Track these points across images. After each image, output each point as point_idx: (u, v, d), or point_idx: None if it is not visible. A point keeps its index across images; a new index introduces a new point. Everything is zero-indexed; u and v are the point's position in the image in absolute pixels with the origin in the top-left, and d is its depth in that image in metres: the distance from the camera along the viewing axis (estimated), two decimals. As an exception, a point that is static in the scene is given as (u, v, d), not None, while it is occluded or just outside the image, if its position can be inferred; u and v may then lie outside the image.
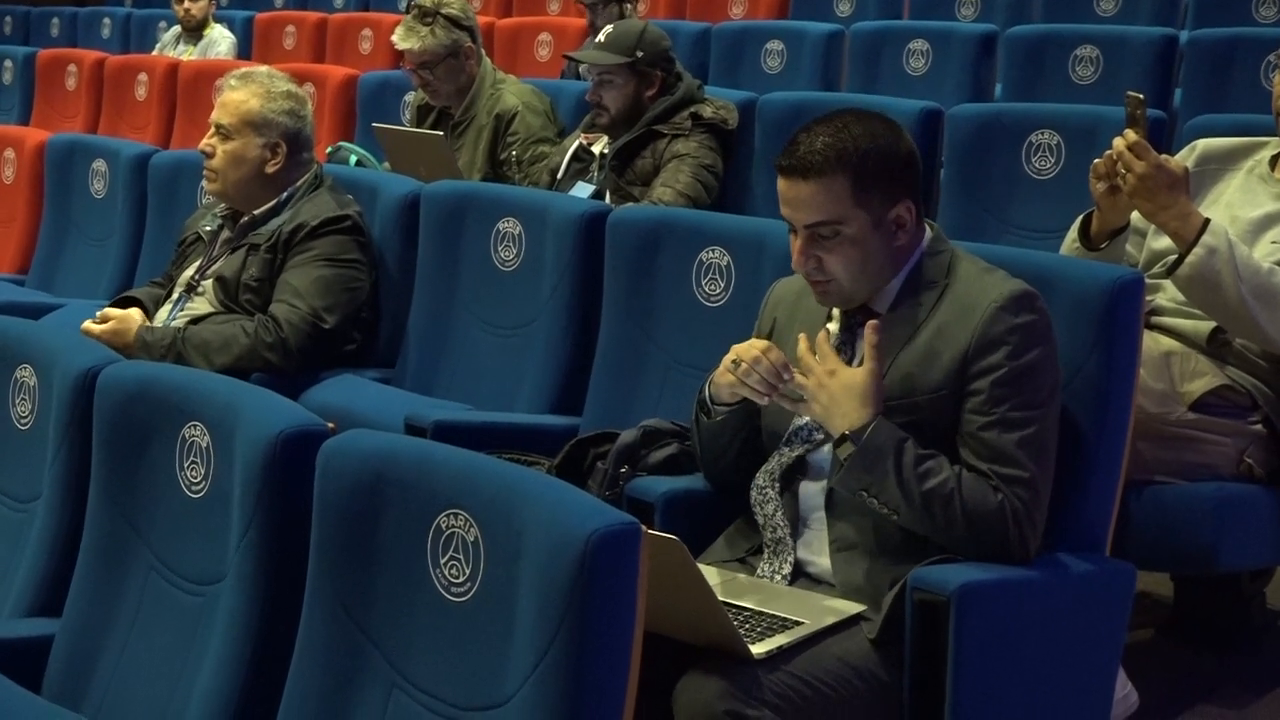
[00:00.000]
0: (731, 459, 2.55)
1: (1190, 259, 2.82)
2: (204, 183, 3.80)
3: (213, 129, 3.72)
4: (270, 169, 3.69)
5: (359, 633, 1.91)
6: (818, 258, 2.38)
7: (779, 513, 2.43)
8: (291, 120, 3.71)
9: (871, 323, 2.35)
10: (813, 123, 2.40)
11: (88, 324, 3.55)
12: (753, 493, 2.47)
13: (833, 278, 2.39)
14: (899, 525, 2.33)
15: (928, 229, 2.46)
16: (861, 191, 2.35)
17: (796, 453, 2.45)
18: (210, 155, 3.70)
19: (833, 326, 2.48)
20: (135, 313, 3.62)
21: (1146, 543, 2.79)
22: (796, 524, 2.43)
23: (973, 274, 2.40)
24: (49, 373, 2.42)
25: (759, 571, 2.45)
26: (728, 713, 2.09)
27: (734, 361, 2.38)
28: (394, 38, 4.89)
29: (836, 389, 2.31)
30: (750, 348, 2.38)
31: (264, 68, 3.87)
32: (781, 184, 2.39)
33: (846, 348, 2.43)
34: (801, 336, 2.38)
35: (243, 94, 3.70)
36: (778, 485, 2.44)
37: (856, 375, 2.32)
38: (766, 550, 2.45)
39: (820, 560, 2.40)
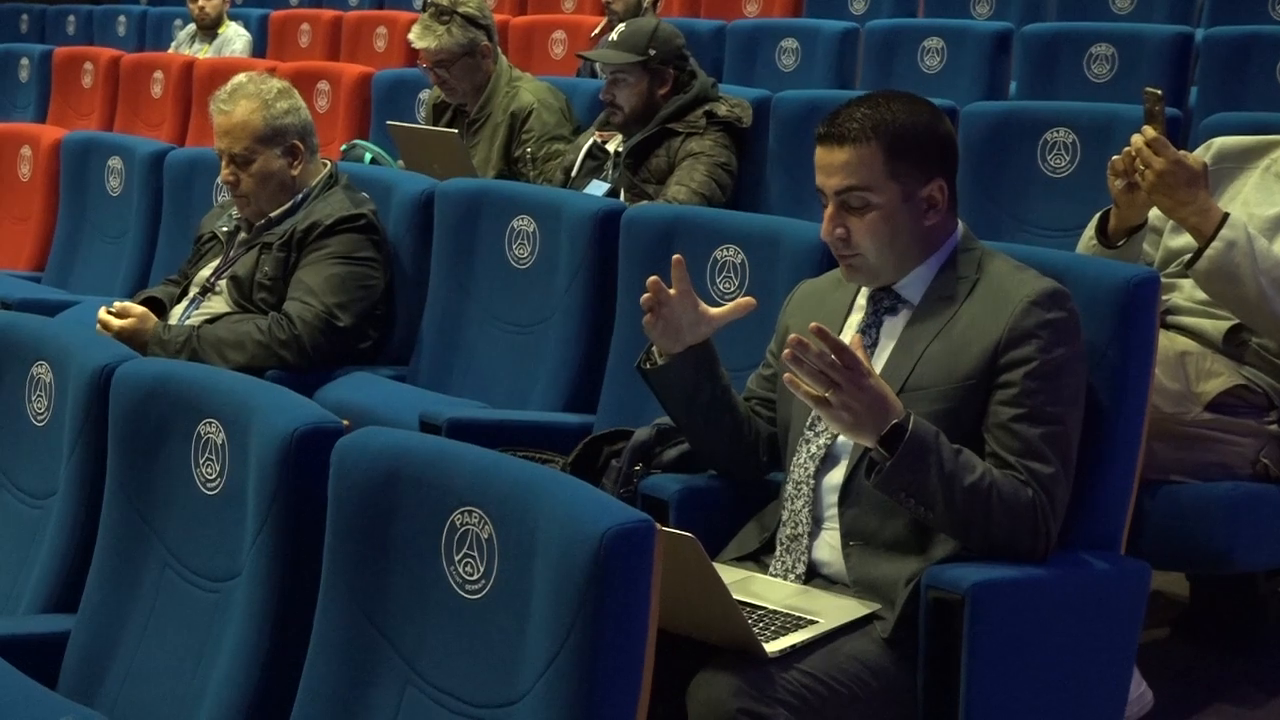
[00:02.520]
0: (725, 444, 2.54)
1: (1209, 252, 2.82)
2: (234, 211, 3.75)
3: (226, 159, 3.65)
4: (295, 171, 3.68)
5: (373, 629, 1.91)
6: (846, 227, 2.39)
7: (805, 509, 2.42)
8: (296, 118, 3.69)
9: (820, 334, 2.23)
10: (854, 99, 2.44)
11: (103, 314, 3.56)
12: (788, 487, 2.46)
13: (859, 251, 2.39)
14: (911, 520, 2.32)
15: (960, 224, 2.46)
16: (895, 162, 2.37)
17: (824, 439, 2.43)
18: (236, 184, 3.65)
19: (855, 319, 2.48)
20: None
21: (1162, 542, 2.78)
22: (815, 522, 2.43)
23: (1005, 270, 2.41)
24: (65, 370, 2.43)
25: (771, 569, 2.45)
26: (742, 710, 2.09)
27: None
28: (410, 36, 4.90)
29: (874, 393, 2.22)
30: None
31: (242, 76, 3.75)
32: (818, 152, 2.42)
33: (872, 330, 2.44)
34: (809, 341, 2.23)
35: (241, 112, 3.63)
36: (812, 482, 2.42)
37: (879, 382, 2.25)
38: (779, 547, 2.45)
39: (833, 558, 2.40)
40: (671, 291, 2.46)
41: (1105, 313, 2.45)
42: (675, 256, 2.48)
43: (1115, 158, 2.89)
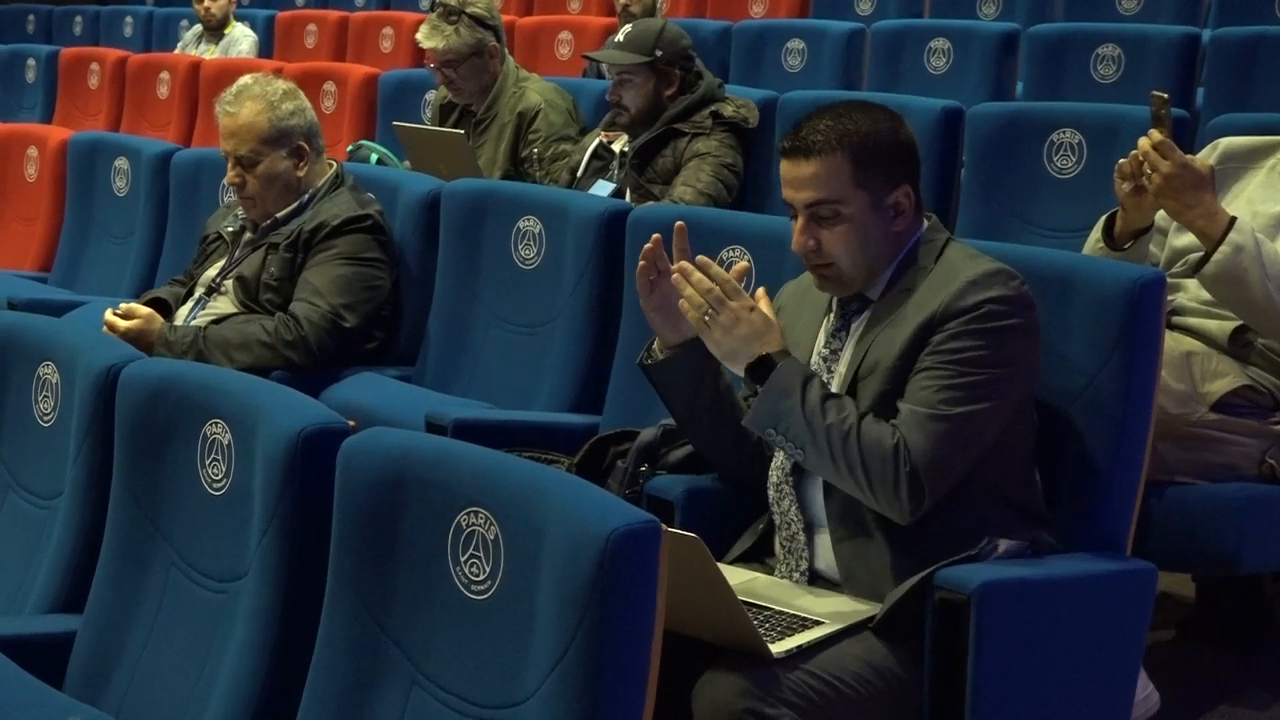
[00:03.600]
0: (729, 444, 2.54)
1: (1217, 257, 2.81)
2: (240, 212, 3.75)
3: (231, 161, 3.65)
4: (301, 172, 3.69)
5: (379, 630, 1.91)
6: (817, 239, 2.40)
7: (794, 509, 2.43)
8: (302, 119, 3.69)
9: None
10: (816, 111, 2.45)
11: (110, 315, 3.56)
12: (770, 491, 2.47)
13: (831, 260, 2.41)
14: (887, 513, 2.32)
15: (925, 220, 2.47)
16: (861, 172, 2.38)
17: None
18: (241, 185, 3.65)
19: (831, 318, 2.49)
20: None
21: (1168, 543, 2.78)
22: (810, 522, 2.43)
23: (959, 257, 2.41)
24: (71, 370, 2.43)
25: (777, 571, 2.45)
26: (747, 711, 2.09)
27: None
28: (418, 36, 4.90)
29: (751, 326, 2.33)
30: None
31: (247, 77, 3.75)
32: (784, 166, 2.43)
33: (841, 334, 2.45)
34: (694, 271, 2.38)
35: (247, 114, 3.62)
36: (792, 480, 2.43)
37: (762, 312, 2.36)
38: (782, 550, 2.45)
39: (830, 560, 2.40)
40: (674, 266, 2.46)
41: (1111, 314, 2.45)
42: (678, 224, 2.49)
43: (1122, 161, 2.89)
